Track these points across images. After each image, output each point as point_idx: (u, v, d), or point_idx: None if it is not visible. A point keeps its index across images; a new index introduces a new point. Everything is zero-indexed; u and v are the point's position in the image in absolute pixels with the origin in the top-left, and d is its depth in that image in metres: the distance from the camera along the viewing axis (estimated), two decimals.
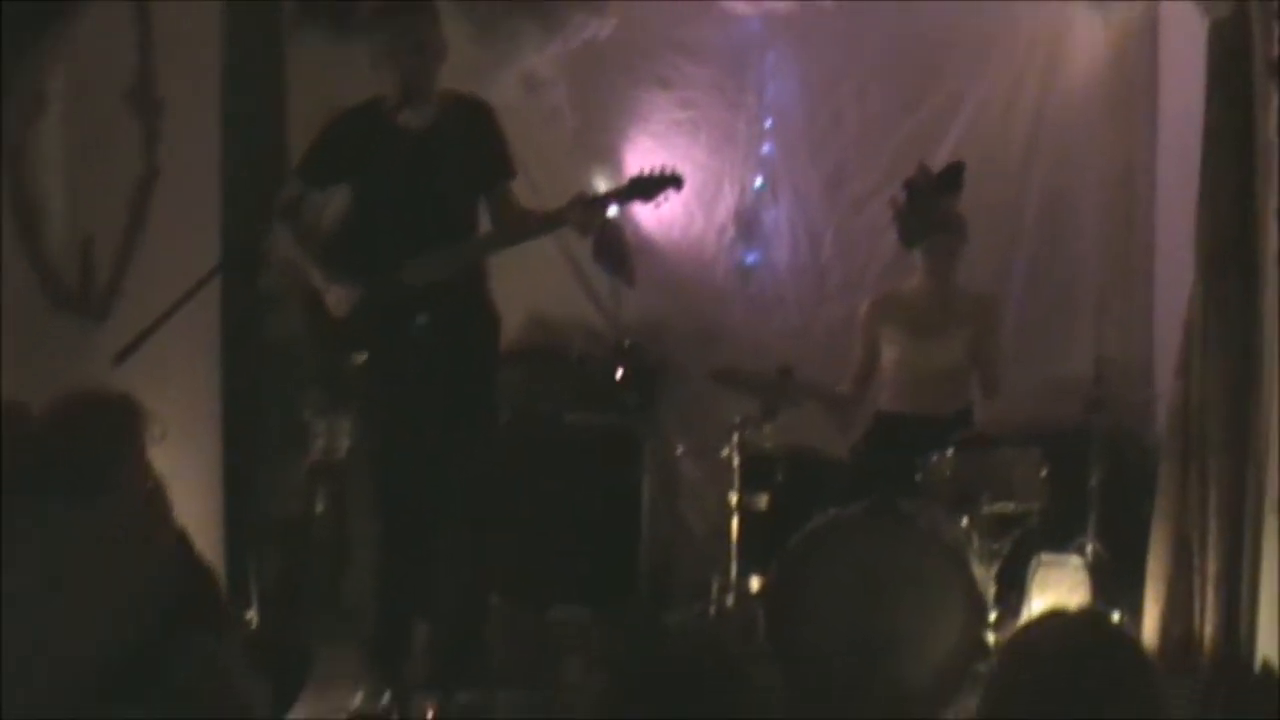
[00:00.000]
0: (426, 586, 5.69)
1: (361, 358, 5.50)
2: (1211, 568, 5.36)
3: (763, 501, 5.98)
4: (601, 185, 6.98)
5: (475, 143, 5.51)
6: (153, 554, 3.89)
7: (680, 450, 7.06)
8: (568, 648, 6.23)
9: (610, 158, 7.28)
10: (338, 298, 5.48)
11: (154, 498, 4.38)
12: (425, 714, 5.40)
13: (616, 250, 7.30)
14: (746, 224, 7.51)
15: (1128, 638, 2.66)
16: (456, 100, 5.57)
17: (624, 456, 6.97)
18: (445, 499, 5.59)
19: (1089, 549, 5.93)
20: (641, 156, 7.31)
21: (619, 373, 7.20)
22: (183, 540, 4.33)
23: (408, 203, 5.43)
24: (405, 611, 5.70)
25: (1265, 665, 5.15)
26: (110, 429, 3.97)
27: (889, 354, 6.46)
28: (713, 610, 6.16)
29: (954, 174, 6.44)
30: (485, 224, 5.66)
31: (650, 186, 5.51)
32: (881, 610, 5.46)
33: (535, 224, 5.62)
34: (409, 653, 5.71)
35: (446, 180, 5.45)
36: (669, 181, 5.50)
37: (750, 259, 7.55)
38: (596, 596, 6.70)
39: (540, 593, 6.73)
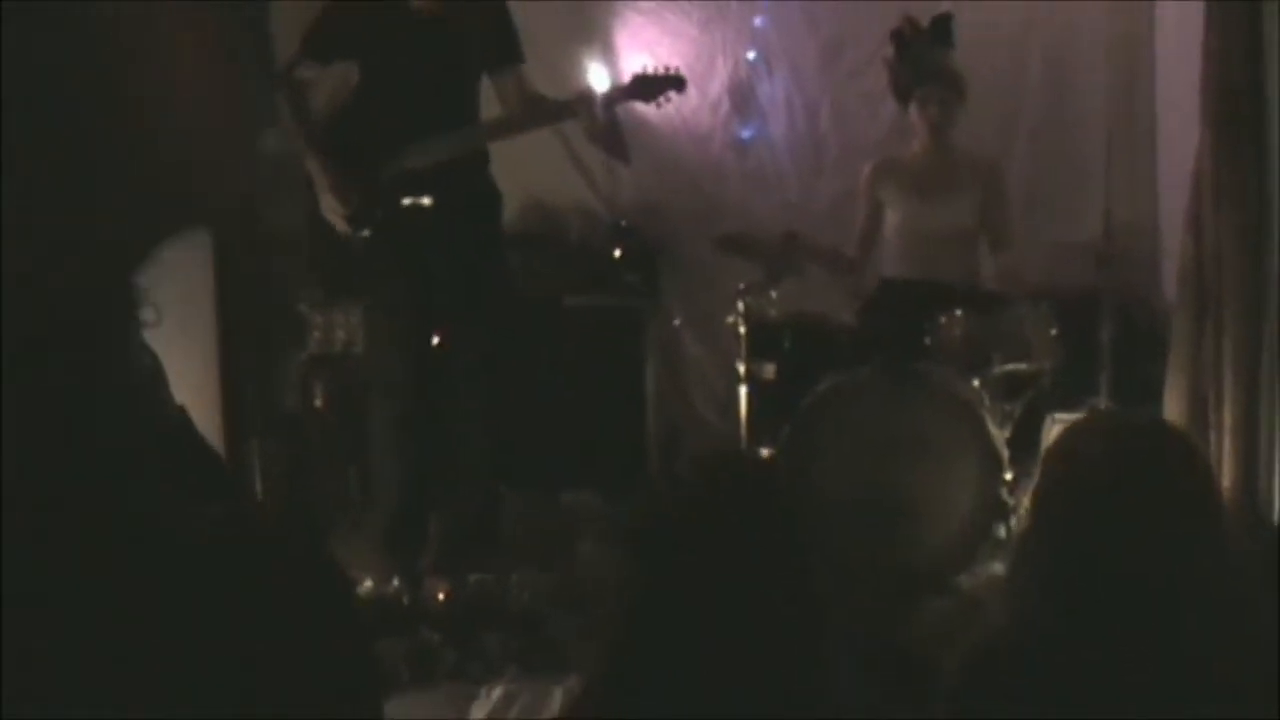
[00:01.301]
0: (439, 471, 5.72)
1: (364, 233, 5.45)
2: (1229, 421, 5.27)
3: (770, 371, 5.88)
4: (594, 65, 6.88)
5: (484, 26, 5.47)
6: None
7: (678, 321, 6.93)
8: (580, 530, 6.17)
9: (602, 36, 7.14)
10: (329, 205, 5.45)
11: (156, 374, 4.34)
12: (437, 596, 5.36)
13: (611, 129, 7.18)
14: (741, 98, 7.37)
15: (1185, 437, 2.59)
16: None
17: (626, 337, 6.94)
18: (457, 382, 5.61)
19: (1102, 408, 5.85)
20: (634, 33, 7.20)
21: (617, 253, 7.12)
22: (185, 420, 4.27)
23: (414, 83, 5.40)
24: (419, 497, 5.69)
25: None
26: None
27: (892, 218, 6.34)
28: None
29: (942, 24, 6.31)
30: (489, 108, 5.65)
31: (652, 86, 5.60)
32: (897, 472, 5.43)
33: (541, 113, 5.61)
34: (424, 539, 5.70)
35: (454, 61, 5.43)
36: (670, 82, 5.62)
37: (746, 133, 7.42)
38: (606, 480, 6.64)
39: (550, 477, 6.68)
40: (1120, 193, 6.46)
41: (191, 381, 5.85)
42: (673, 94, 5.62)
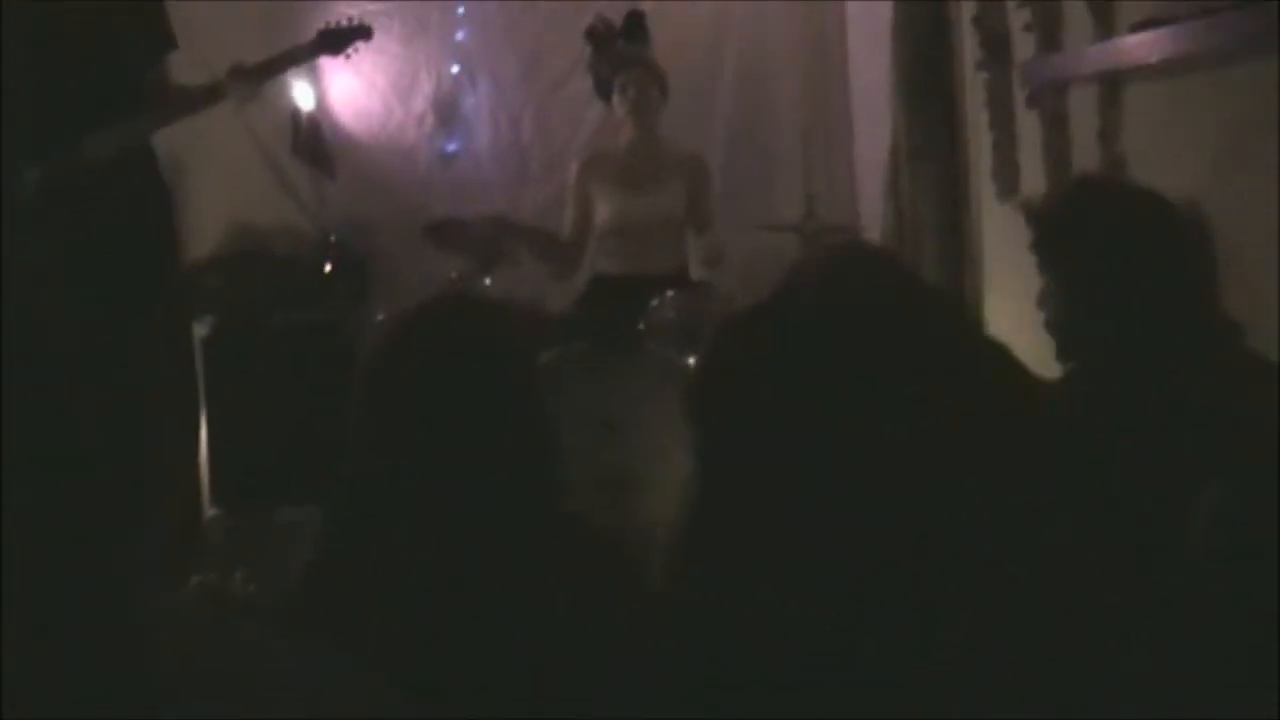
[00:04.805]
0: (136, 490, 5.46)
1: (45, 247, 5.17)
2: None
3: None
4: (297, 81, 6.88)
5: (132, 14, 5.24)
6: None
7: (381, 318, 6.77)
8: (298, 541, 6.01)
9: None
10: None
11: None
12: None
13: (315, 144, 7.16)
14: (445, 112, 7.40)
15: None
16: None
17: (337, 348, 6.72)
18: (153, 392, 5.30)
19: None
20: None
21: (328, 268, 7.05)
22: None
23: (70, 77, 5.10)
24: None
25: None
26: None
27: (602, 211, 6.36)
28: None
29: (635, 20, 6.48)
30: None
31: (338, 39, 5.37)
32: (625, 447, 5.28)
33: (196, 98, 5.33)
34: None
35: (107, 51, 5.16)
36: (357, 32, 5.39)
37: (451, 147, 7.44)
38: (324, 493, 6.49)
39: (262, 495, 6.51)
40: (819, 175, 6.63)
41: None
42: (360, 45, 5.41)
